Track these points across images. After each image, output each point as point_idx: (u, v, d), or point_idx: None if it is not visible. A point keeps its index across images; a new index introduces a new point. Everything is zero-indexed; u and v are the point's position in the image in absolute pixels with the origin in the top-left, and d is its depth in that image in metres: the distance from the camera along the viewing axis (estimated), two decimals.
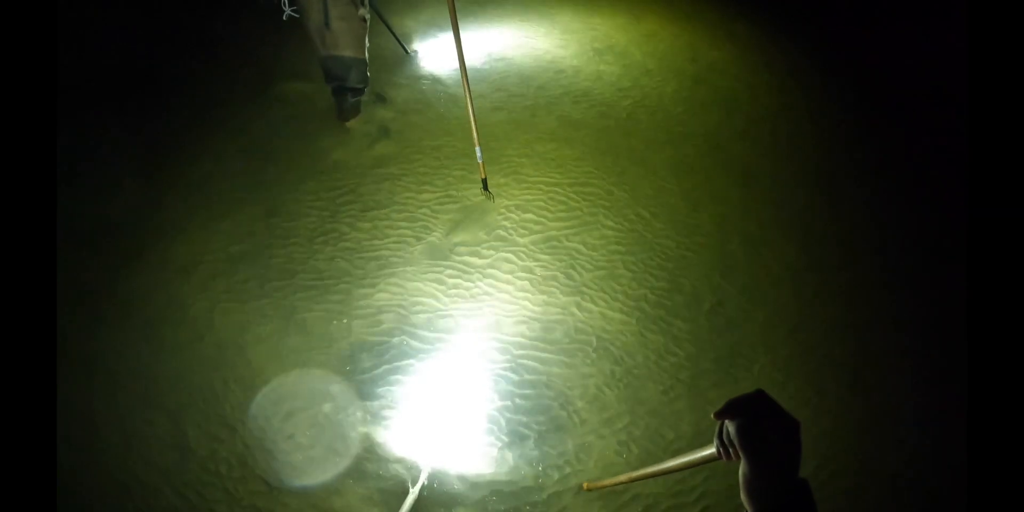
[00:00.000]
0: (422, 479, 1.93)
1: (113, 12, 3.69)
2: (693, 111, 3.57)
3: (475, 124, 2.69)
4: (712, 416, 0.70)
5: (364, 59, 2.90)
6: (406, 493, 1.88)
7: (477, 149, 2.73)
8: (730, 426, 0.68)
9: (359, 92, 3.07)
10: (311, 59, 3.03)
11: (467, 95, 2.63)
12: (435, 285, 2.48)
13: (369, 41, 2.90)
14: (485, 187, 2.84)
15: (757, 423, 0.66)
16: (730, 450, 0.70)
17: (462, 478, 1.98)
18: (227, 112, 3.23)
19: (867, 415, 2.28)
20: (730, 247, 2.77)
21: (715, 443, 0.73)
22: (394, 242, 2.63)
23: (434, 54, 3.84)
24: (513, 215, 2.78)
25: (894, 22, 4.45)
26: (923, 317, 2.57)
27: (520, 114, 3.41)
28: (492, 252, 2.62)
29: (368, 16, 2.80)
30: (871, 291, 2.69)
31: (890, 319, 2.58)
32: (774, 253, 2.78)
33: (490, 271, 2.55)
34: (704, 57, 4.08)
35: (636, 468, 1.94)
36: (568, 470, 2.02)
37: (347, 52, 2.80)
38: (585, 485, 1.91)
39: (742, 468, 0.68)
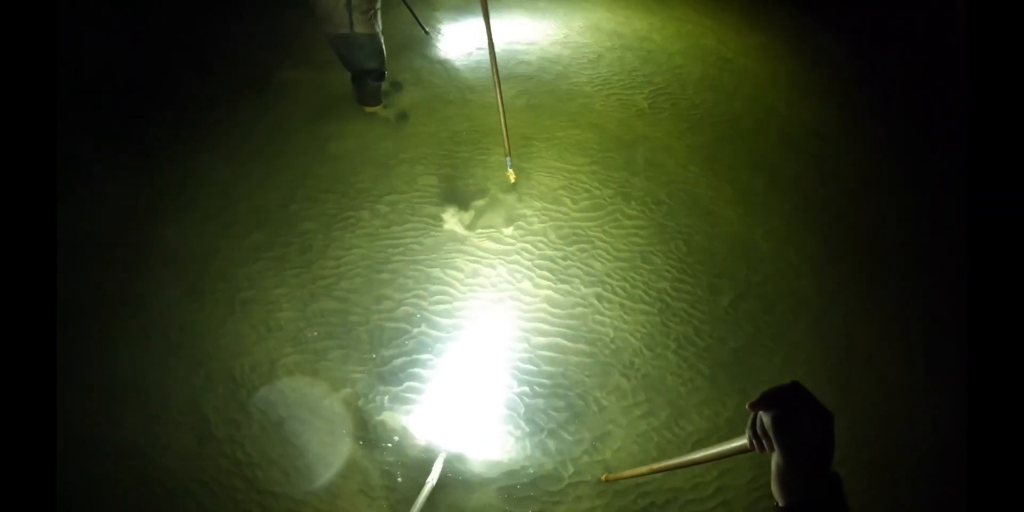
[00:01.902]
0: (439, 466, 1.94)
1: (116, 11, 3.67)
2: (717, 99, 3.51)
3: (505, 126, 2.64)
4: (747, 407, 0.69)
5: (375, 34, 2.77)
6: (424, 479, 1.89)
7: (508, 159, 2.72)
8: (765, 417, 0.67)
9: (379, 76, 3.01)
10: (322, 47, 2.99)
11: (498, 92, 2.54)
12: (455, 273, 2.47)
13: (383, 21, 2.80)
14: (510, 165, 2.78)
15: (792, 415, 0.66)
16: (763, 442, 0.68)
17: (480, 466, 1.99)
18: (239, 101, 3.23)
19: (887, 412, 2.24)
20: (753, 238, 2.72)
21: (748, 434, 0.72)
22: (413, 229, 2.62)
23: (454, 34, 3.79)
24: (535, 203, 2.76)
25: (925, 9, 4.33)
26: (947, 313, 2.50)
27: (541, 100, 3.37)
28: (512, 240, 2.60)
29: None
30: (894, 285, 2.63)
31: (913, 314, 2.53)
32: (797, 245, 2.73)
33: (511, 259, 2.54)
34: (728, 44, 4.00)
35: (654, 459, 1.94)
36: (586, 459, 2.01)
37: (357, 28, 2.71)
38: (604, 476, 1.90)
39: (775, 460, 0.67)
